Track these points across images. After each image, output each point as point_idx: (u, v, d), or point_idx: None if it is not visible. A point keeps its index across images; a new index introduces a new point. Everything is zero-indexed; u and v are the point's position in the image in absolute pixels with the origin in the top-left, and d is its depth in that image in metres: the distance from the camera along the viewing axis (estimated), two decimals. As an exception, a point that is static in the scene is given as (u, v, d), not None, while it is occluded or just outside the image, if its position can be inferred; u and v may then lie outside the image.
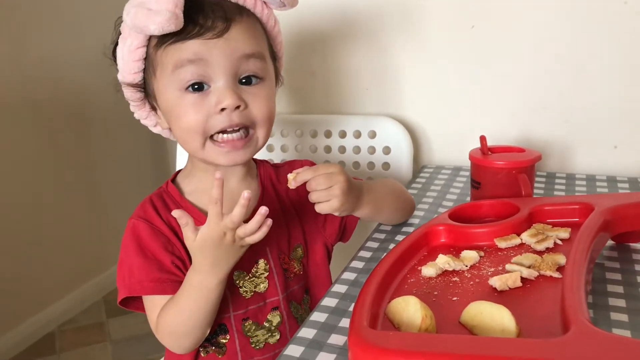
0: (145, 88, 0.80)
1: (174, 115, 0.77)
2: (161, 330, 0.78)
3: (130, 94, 0.81)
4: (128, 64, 0.77)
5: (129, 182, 2.56)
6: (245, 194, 0.68)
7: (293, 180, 0.76)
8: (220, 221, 0.68)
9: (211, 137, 0.77)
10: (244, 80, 0.76)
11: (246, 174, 0.87)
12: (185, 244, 0.72)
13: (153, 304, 0.79)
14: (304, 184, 0.77)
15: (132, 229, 0.80)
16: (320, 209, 0.77)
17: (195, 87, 0.75)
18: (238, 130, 0.77)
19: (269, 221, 0.69)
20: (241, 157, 0.79)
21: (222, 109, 0.74)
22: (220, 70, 0.74)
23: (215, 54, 0.73)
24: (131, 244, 0.79)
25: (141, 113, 0.84)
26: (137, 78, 0.79)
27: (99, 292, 2.46)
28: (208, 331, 0.79)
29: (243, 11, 0.76)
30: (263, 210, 0.68)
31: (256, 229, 0.69)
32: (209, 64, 0.73)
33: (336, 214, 0.79)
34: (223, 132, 0.76)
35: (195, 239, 0.70)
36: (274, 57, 0.85)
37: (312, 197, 0.77)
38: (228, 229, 0.68)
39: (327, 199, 0.76)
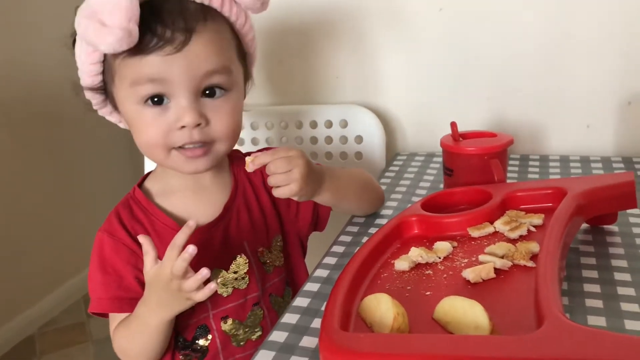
0: (106, 90, 0.77)
1: (135, 128, 0.75)
2: (115, 347, 0.79)
3: (90, 95, 0.78)
4: (85, 66, 0.73)
5: (104, 181, 2.53)
6: (190, 249, 0.66)
7: (251, 163, 0.74)
8: (169, 266, 0.67)
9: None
10: (207, 92, 0.73)
11: (217, 171, 0.85)
12: (143, 271, 0.72)
13: (113, 319, 0.80)
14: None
15: (97, 243, 0.80)
16: (278, 193, 0.75)
17: (155, 100, 0.72)
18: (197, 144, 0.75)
19: (213, 285, 0.67)
20: (203, 165, 0.77)
21: (182, 126, 0.72)
22: (181, 87, 0.71)
23: (176, 72, 0.70)
24: (95, 258, 0.79)
25: (104, 111, 0.81)
26: (96, 80, 0.75)
27: (79, 292, 2.43)
28: (159, 357, 0.80)
29: (208, 14, 0.72)
30: (204, 272, 0.66)
31: (196, 288, 0.67)
32: (169, 81, 0.70)
33: (295, 198, 0.77)
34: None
35: (149, 270, 0.70)
36: (243, 55, 0.81)
37: (271, 181, 0.75)
38: (174, 276, 0.67)
39: (286, 182, 0.74)
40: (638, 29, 1.11)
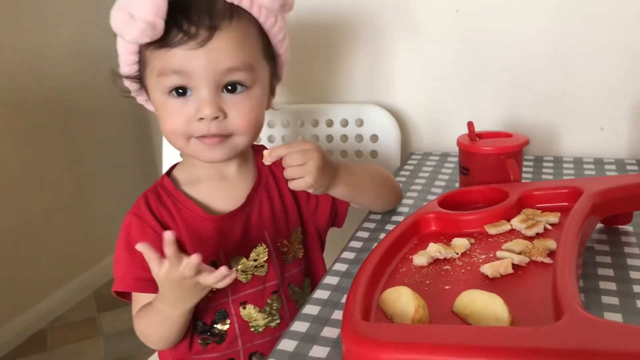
0: (141, 79, 0.81)
1: (160, 116, 0.79)
2: (136, 329, 0.82)
3: (127, 83, 0.82)
4: (124, 56, 0.78)
5: (115, 175, 2.54)
6: (193, 260, 0.67)
7: (268, 155, 0.76)
8: (178, 264, 0.68)
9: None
10: (229, 88, 0.76)
11: (242, 163, 0.88)
12: (153, 275, 0.73)
13: (136, 299, 0.83)
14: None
15: (124, 225, 0.82)
16: (293, 185, 0.77)
17: (179, 91, 0.75)
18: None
19: (234, 274, 0.69)
20: (220, 154, 0.79)
21: (201, 118, 0.75)
22: (202, 81, 0.74)
23: (198, 66, 0.73)
24: (122, 239, 0.82)
25: (140, 99, 0.86)
26: (132, 70, 0.79)
27: (89, 287, 2.45)
28: (180, 339, 0.82)
29: (235, 13, 0.74)
30: (223, 271, 0.68)
31: (215, 283, 0.69)
32: (191, 74, 0.73)
33: (310, 191, 0.79)
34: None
35: (158, 273, 0.70)
36: (272, 56, 0.83)
37: (287, 174, 0.77)
38: (183, 278, 0.68)
39: (301, 175, 0.76)
40: (653, 31, 1.11)
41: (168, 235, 0.67)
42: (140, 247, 0.69)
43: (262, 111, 0.81)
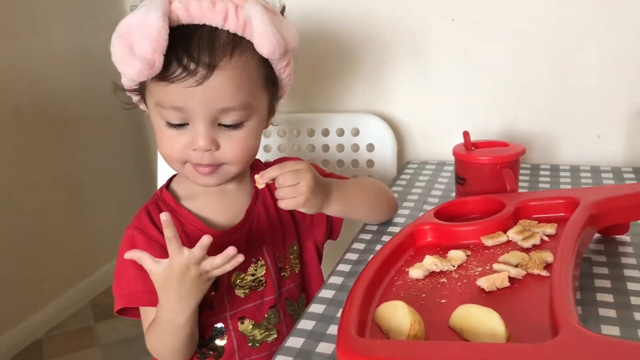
0: (142, 92, 0.80)
1: (157, 138, 0.79)
2: (148, 347, 0.80)
3: (129, 94, 0.82)
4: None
5: (112, 184, 2.54)
6: (205, 240, 0.68)
7: (260, 178, 0.76)
8: (181, 255, 0.68)
9: None
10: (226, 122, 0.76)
11: (239, 178, 0.87)
12: (151, 278, 0.73)
13: (146, 315, 0.81)
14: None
15: (127, 240, 0.81)
16: (285, 204, 0.77)
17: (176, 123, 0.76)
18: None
19: (240, 257, 0.69)
20: (213, 181, 0.80)
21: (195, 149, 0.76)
22: (198, 117, 0.74)
23: (195, 103, 0.73)
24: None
25: (143, 106, 0.85)
26: (133, 84, 0.78)
27: (86, 297, 2.44)
28: (193, 351, 0.81)
29: (237, 46, 0.73)
30: (230, 250, 0.68)
31: (223, 264, 0.69)
32: (189, 110, 0.73)
33: (303, 210, 0.79)
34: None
35: (158, 273, 0.71)
36: (273, 81, 0.82)
37: (279, 194, 0.77)
38: (191, 263, 0.69)
39: (293, 195, 0.76)
40: (649, 40, 1.12)
41: (164, 217, 0.68)
42: (130, 254, 0.71)
43: (256, 140, 0.81)
